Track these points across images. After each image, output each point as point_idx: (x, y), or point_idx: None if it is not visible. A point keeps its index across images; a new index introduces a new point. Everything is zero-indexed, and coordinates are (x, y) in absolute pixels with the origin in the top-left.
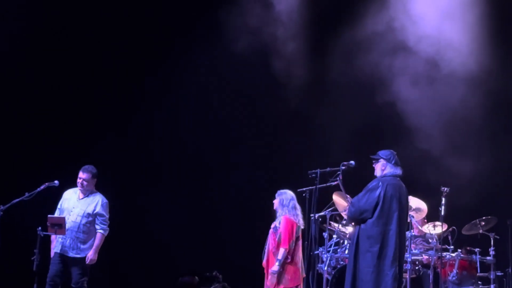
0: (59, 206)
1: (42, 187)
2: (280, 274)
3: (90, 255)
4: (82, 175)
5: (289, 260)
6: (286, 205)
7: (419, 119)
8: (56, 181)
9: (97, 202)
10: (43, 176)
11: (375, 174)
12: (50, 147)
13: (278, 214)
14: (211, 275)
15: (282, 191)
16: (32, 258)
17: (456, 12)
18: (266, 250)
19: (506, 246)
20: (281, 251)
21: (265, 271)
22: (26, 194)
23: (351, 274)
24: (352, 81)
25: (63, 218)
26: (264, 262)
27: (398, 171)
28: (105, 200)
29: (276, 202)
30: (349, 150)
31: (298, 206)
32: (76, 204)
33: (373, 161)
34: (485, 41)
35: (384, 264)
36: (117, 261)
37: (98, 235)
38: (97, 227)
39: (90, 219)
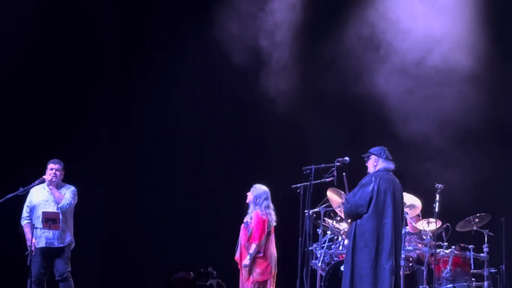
0: (27, 203)
1: (36, 182)
2: (251, 268)
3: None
4: (54, 166)
5: (260, 255)
6: (259, 203)
7: (412, 116)
8: (47, 174)
9: (67, 190)
10: (37, 171)
11: (368, 171)
12: (45, 142)
13: (249, 210)
14: (206, 271)
15: (257, 186)
16: (26, 253)
17: (447, 9)
18: (238, 245)
19: (500, 243)
20: (252, 246)
21: (239, 265)
22: (20, 189)
23: (349, 270)
24: (341, 84)
25: (58, 213)
26: (237, 256)
27: (391, 165)
28: (74, 188)
29: (250, 196)
30: (343, 150)
31: (271, 205)
32: (49, 197)
33: (365, 159)
34: (479, 39)
35: (381, 258)
36: (111, 259)
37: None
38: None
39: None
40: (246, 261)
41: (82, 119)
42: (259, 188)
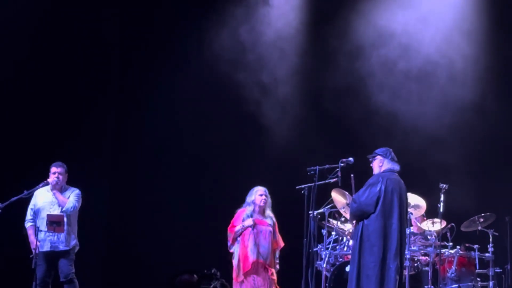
0: (31, 206)
1: (40, 185)
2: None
3: None
4: (56, 169)
5: None
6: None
7: (415, 118)
8: (50, 178)
9: (71, 192)
10: (42, 174)
11: (373, 173)
12: (49, 145)
13: (268, 213)
14: (209, 273)
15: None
16: (30, 256)
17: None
18: (266, 248)
19: (505, 243)
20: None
21: (263, 268)
22: (25, 192)
23: (355, 270)
24: (346, 87)
25: (62, 216)
26: (261, 259)
27: (396, 166)
28: (78, 191)
29: (268, 199)
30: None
31: None
32: (54, 200)
33: (370, 160)
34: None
35: (387, 258)
36: (114, 260)
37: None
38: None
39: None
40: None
41: (85, 121)
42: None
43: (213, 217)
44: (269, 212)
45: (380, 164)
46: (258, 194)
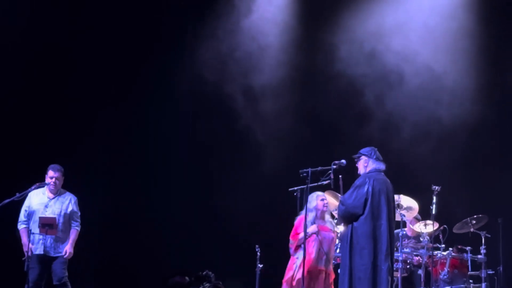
0: (25, 207)
1: (33, 187)
2: None
3: (69, 248)
4: (54, 174)
5: None
6: None
7: (409, 120)
8: (47, 182)
9: (70, 200)
10: (34, 176)
11: (358, 172)
12: (41, 147)
13: (327, 218)
14: (202, 275)
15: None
16: (23, 259)
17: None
18: (329, 255)
19: (497, 245)
20: None
21: (324, 274)
22: (17, 195)
23: (347, 273)
24: (341, 89)
25: (55, 219)
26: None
27: (382, 166)
28: (76, 198)
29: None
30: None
31: None
32: (50, 204)
33: (355, 160)
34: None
35: (379, 259)
36: (107, 261)
37: (74, 231)
38: (72, 224)
39: (67, 218)
40: None
41: (81, 129)
42: None
43: (210, 225)
44: (328, 217)
45: (365, 165)
46: (319, 199)
